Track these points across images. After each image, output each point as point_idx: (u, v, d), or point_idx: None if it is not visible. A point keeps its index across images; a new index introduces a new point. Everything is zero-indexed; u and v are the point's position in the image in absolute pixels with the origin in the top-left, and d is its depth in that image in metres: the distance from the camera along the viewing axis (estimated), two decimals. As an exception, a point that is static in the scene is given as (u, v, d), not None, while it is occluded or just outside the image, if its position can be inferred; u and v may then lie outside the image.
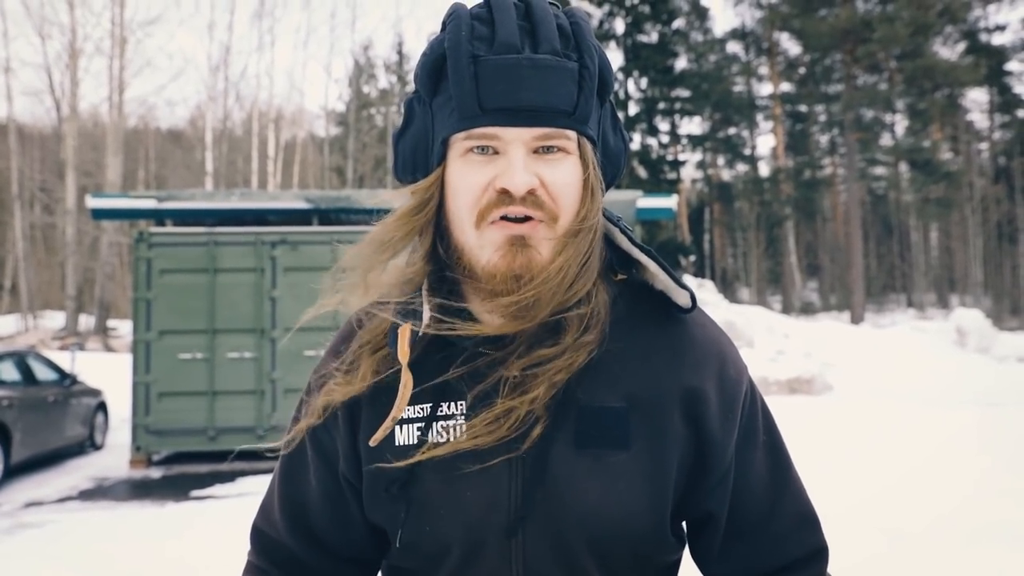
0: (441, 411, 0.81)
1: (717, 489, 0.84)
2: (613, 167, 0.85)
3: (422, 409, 0.82)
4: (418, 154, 0.82)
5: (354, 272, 0.85)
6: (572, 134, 0.76)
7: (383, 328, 0.85)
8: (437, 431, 0.81)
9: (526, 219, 0.75)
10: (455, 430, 0.80)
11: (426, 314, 0.81)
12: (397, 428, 0.82)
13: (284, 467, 0.94)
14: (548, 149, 0.76)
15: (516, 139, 0.74)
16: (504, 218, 0.75)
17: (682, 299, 0.84)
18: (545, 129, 0.74)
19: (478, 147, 0.76)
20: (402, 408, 0.80)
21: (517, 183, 0.73)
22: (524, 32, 0.75)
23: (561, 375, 0.78)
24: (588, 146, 0.79)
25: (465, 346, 0.81)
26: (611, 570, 0.80)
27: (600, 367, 0.80)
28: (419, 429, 0.82)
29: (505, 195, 0.74)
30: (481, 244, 0.77)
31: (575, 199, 0.77)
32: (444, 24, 0.78)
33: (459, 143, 0.77)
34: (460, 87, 0.74)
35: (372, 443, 0.81)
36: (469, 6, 0.79)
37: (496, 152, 0.75)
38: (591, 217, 0.78)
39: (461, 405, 0.81)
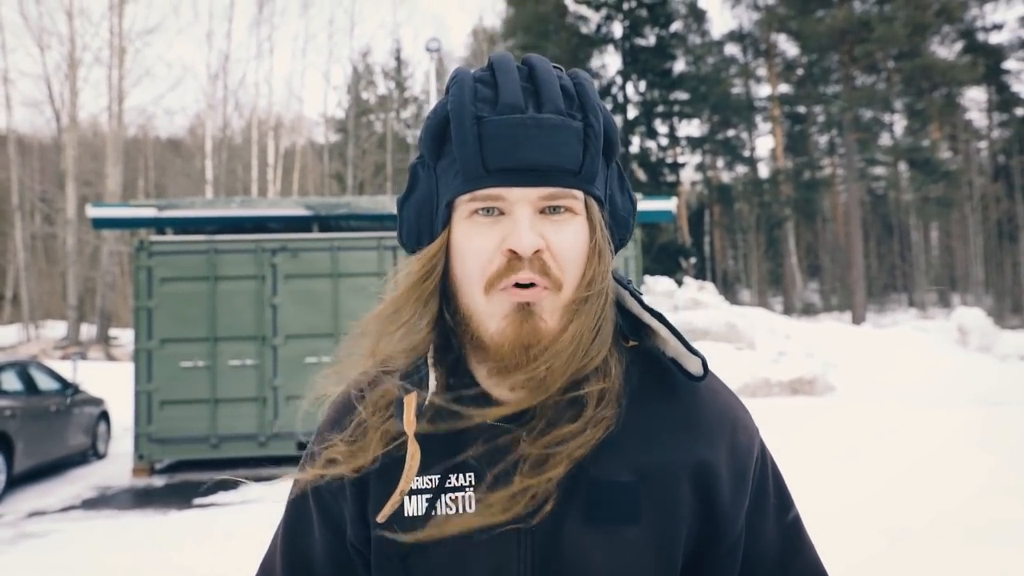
0: (450, 482, 0.80)
1: (727, 558, 0.83)
2: (622, 229, 0.84)
3: (431, 480, 0.80)
4: (423, 218, 0.81)
5: (363, 343, 0.83)
6: (579, 194, 0.75)
7: (389, 398, 0.82)
8: (446, 503, 0.80)
9: (531, 285, 0.74)
10: (464, 502, 0.79)
11: (432, 383, 0.80)
12: (406, 499, 0.81)
13: (287, 526, 0.93)
14: (555, 210, 0.75)
15: (522, 199, 0.73)
16: (515, 285, 0.74)
17: (693, 366, 0.81)
18: (551, 189, 0.73)
19: (483, 208, 0.75)
20: (409, 481, 0.79)
21: (524, 244, 0.72)
22: (527, 93, 0.75)
23: (581, 451, 0.76)
24: (595, 207, 0.78)
25: (473, 420, 0.79)
26: None
27: (611, 440, 0.79)
28: (427, 500, 0.80)
29: (514, 258, 0.73)
30: (490, 312, 0.75)
31: (580, 263, 0.76)
32: (448, 88, 0.78)
33: (464, 205, 0.76)
34: (464, 148, 0.74)
35: (380, 519, 0.80)
36: (472, 71, 0.79)
37: (502, 213, 0.74)
38: (598, 281, 0.77)
39: (470, 476, 0.79)
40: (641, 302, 0.83)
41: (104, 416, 10.21)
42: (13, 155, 28.19)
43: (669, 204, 10.58)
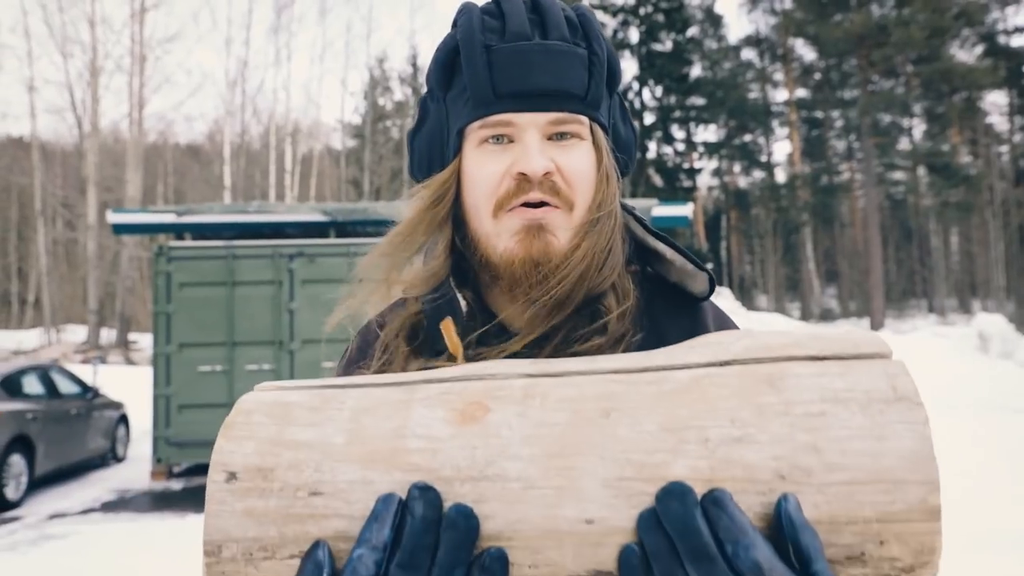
0: None
1: None
2: (626, 156, 0.86)
3: None
4: (434, 148, 0.83)
5: (378, 270, 0.83)
6: (584, 119, 0.77)
7: (414, 322, 0.82)
8: None
9: (542, 204, 0.75)
10: None
11: (463, 305, 0.79)
12: None
13: None
14: (561, 136, 0.76)
15: (530, 124, 0.75)
16: (523, 205, 0.75)
17: (699, 284, 0.82)
18: (558, 114, 0.75)
19: (493, 136, 0.76)
20: None
21: (534, 166, 0.73)
22: (533, 23, 0.76)
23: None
24: (600, 132, 0.79)
25: (495, 344, 0.78)
26: None
27: None
28: None
29: (523, 180, 0.74)
30: (498, 232, 0.76)
31: (590, 185, 0.77)
32: (455, 22, 0.79)
33: (474, 133, 0.77)
34: (474, 75, 0.75)
35: None
36: (479, 4, 0.81)
37: (511, 140, 0.76)
38: (608, 203, 0.78)
39: None
40: (647, 227, 0.85)
41: (123, 419, 10.32)
42: (36, 161, 28.60)
43: (686, 209, 10.56)
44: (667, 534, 0.51)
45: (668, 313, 0.84)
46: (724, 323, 0.87)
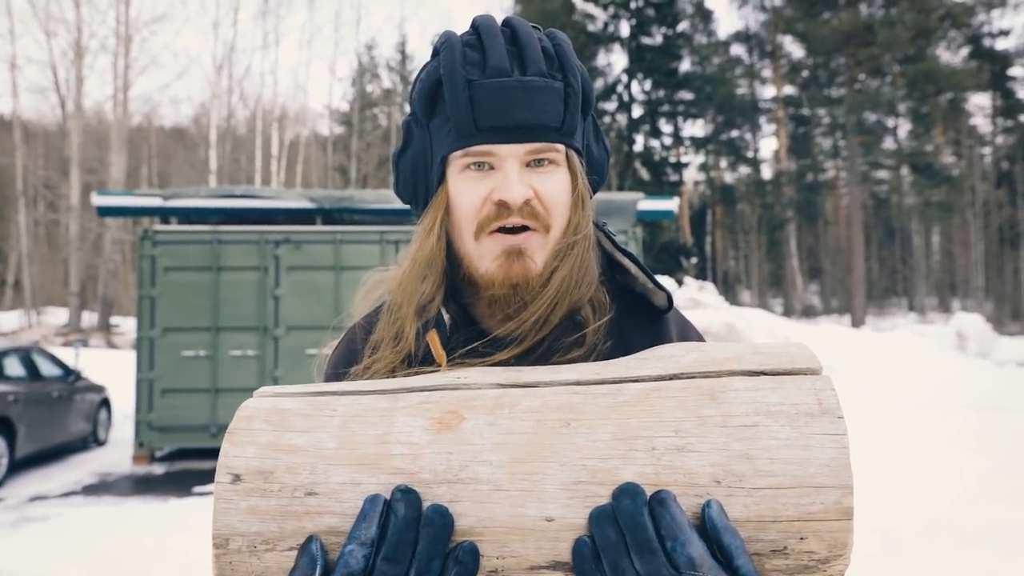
0: None
1: None
2: (598, 175, 0.91)
3: None
4: (418, 171, 0.87)
5: (401, 302, 0.87)
6: (561, 147, 0.82)
7: (401, 331, 0.86)
8: None
9: (522, 229, 0.80)
10: None
11: (447, 318, 0.85)
12: None
13: None
14: (539, 163, 0.81)
15: (510, 155, 0.79)
16: (501, 230, 0.80)
17: (659, 300, 0.89)
18: (536, 144, 0.80)
19: (475, 163, 0.80)
20: None
21: (515, 195, 0.78)
22: (512, 56, 0.80)
23: None
24: (575, 158, 0.84)
25: (480, 353, 0.83)
26: None
27: None
28: None
29: (503, 207, 0.79)
30: (480, 254, 0.81)
31: (566, 208, 0.82)
32: (437, 51, 0.83)
33: (457, 160, 0.81)
34: (457, 109, 0.79)
35: None
36: (459, 32, 0.84)
37: (492, 167, 0.80)
38: (583, 226, 0.83)
39: None
40: (614, 242, 0.91)
41: (105, 403, 10.27)
42: (18, 141, 28.24)
43: (671, 203, 10.62)
44: (614, 528, 0.58)
45: (635, 322, 0.91)
46: (686, 331, 0.95)
